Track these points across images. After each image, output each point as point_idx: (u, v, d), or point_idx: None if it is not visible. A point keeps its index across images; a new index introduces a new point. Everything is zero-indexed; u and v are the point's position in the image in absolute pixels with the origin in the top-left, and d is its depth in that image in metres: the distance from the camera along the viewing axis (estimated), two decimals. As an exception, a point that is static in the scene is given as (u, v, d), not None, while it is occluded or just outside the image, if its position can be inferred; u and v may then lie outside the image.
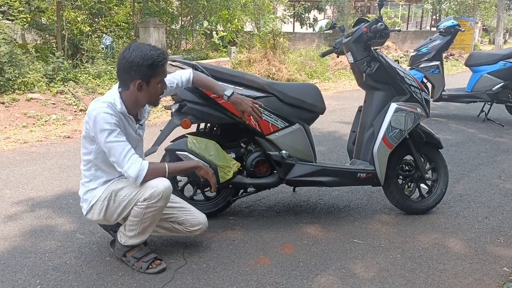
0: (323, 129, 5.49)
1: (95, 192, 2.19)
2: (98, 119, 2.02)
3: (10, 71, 6.42)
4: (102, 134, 2.02)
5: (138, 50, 2.05)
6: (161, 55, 2.09)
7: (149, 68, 2.06)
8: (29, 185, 3.48)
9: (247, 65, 10.61)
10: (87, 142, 2.14)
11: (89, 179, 2.21)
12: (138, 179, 2.07)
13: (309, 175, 2.79)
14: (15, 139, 4.96)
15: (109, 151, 2.05)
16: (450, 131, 5.59)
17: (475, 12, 19.06)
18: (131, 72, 2.06)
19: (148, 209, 2.14)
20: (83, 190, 2.23)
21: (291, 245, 2.59)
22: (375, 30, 2.77)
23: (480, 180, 3.79)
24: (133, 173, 2.06)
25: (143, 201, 2.12)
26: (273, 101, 2.75)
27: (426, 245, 2.62)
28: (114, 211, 2.19)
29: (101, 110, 2.03)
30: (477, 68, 6.08)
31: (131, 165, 2.05)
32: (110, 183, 2.20)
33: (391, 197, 3.00)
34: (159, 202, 2.14)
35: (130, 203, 2.15)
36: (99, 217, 2.22)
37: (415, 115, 2.87)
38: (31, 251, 2.44)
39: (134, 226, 2.20)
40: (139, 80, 2.07)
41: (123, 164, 2.05)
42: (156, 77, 2.11)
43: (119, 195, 2.16)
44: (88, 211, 2.23)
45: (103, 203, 2.17)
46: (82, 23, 9.66)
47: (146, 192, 2.11)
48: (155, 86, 2.13)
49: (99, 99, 2.13)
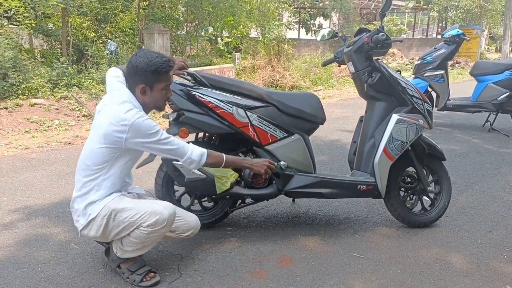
0: (325, 138, 5.44)
1: (96, 207, 2.11)
2: (143, 126, 2.04)
3: (14, 76, 6.44)
4: (154, 136, 2.07)
5: (144, 56, 2.11)
6: (165, 62, 2.12)
7: (153, 74, 2.11)
8: (26, 193, 3.46)
9: (251, 71, 10.61)
10: (109, 150, 2.09)
11: (90, 189, 2.12)
12: (201, 162, 2.19)
13: (308, 186, 2.75)
14: (16, 144, 4.96)
15: (165, 147, 2.11)
16: (454, 141, 5.52)
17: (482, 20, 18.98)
18: (136, 76, 2.12)
19: (151, 234, 2.14)
20: (83, 203, 2.13)
21: (288, 258, 2.54)
22: (377, 40, 2.73)
23: (484, 192, 3.72)
24: (197, 156, 2.16)
25: (146, 227, 2.10)
26: (272, 111, 2.70)
27: (427, 260, 2.56)
28: (112, 230, 2.13)
29: (139, 117, 2.04)
30: (482, 77, 6.01)
31: (192, 151, 2.16)
32: (111, 200, 2.13)
33: (392, 210, 2.95)
34: (163, 228, 2.15)
35: (130, 225, 2.12)
36: (96, 234, 2.15)
37: (417, 126, 2.82)
38: (24, 262, 2.41)
39: (134, 245, 2.17)
40: (143, 85, 2.12)
41: (184, 152, 2.14)
42: (159, 83, 2.14)
43: (120, 216, 2.11)
44: (85, 226, 2.14)
45: (102, 221, 2.11)
46: (87, 29, 9.70)
47: (150, 218, 2.10)
48: (158, 91, 2.16)
49: (120, 107, 2.05)
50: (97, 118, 2.15)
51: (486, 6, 18.10)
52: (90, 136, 2.16)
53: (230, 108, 2.58)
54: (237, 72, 10.36)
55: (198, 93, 2.56)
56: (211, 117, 2.58)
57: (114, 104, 2.10)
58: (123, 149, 2.10)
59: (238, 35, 12.90)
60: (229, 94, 2.63)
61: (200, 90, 2.58)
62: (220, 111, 2.56)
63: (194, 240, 2.69)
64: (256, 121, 2.63)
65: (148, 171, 3.75)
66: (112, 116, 2.05)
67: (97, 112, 2.20)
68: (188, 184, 2.58)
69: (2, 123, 5.74)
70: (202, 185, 2.55)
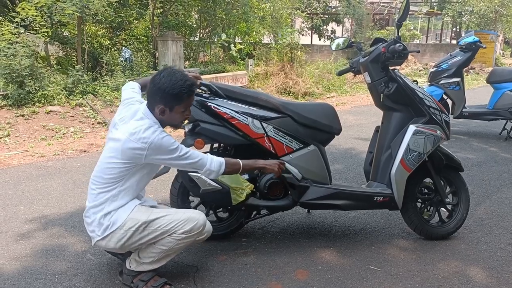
0: (340, 146, 5.41)
1: (114, 218, 2.10)
2: (164, 144, 2.05)
3: (30, 84, 6.53)
4: (175, 152, 2.08)
5: (168, 77, 2.08)
6: (188, 87, 2.09)
7: (174, 97, 2.09)
8: (43, 201, 3.49)
9: (264, 78, 10.62)
10: (126, 165, 2.07)
11: (105, 200, 2.11)
12: (220, 171, 2.20)
13: (324, 198, 2.72)
14: (32, 152, 5.02)
15: (186, 162, 2.12)
16: (471, 149, 5.44)
17: (497, 25, 18.74)
18: (157, 97, 2.09)
19: (182, 241, 2.17)
20: (99, 214, 2.11)
21: (304, 270, 2.52)
22: (393, 51, 2.71)
23: (502, 203, 3.66)
24: (216, 167, 2.18)
25: (181, 233, 2.13)
26: (288, 122, 2.69)
27: (446, 273, 2.52)
28: (136, 240, 2.12)
29: (159, 136, 2.05)
30: (499, 85, 5.93)
31: (212, 161, 2.17)
32: (134, 211, 2.12)
33: (409, 222, 2.91)
34: (196, 235, 2.19)
35: (162, 234, 2.13)
36: (115, 246, 2.13)
37: (435, 137, 2.78)
38: (42, 272, 2.42)
39: (156, 255, 2.18)
40: (162, 106, 2.10)
41: (204, 163, 2.15)
42: (180, 106, 2.14)
43: (152, 225, 2.12)
44: (102, 237, 2.12)
45: (126, 233, 2.09)
46: (102, 37, 9.82)
47: (186, 226, 2.15)
48: (178, 113, 2.16)
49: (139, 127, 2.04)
50: (113, 132, 2.15)
51: (501, 11, 17.88)
52: (106, 149, 2.15)
53: (245, 119, 2.57)
54: (250, 79, 10.38)
55: (213, 104, 2.56)
56: (227, 128, 2.58)
57: (132, 119, 2.10)
58: (141, 164, 2.10)
59: (251, 41, 12.93)
60: (244, 105, 2.63)
61: (215, 101, 2.58)
62: (235, 122, 2.56)
63: (210, 251, 2.69)
64: (271, 132, 2.62)
65: (163, 180, 3.75)
66: (130, 133, 2.03)
67: (112, 125, 2.20)
68: (204, 195, 2.57)
69: (19, 130, 5.82)
70: (217, 196, 2.55)
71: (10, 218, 3.15)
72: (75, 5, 7.12)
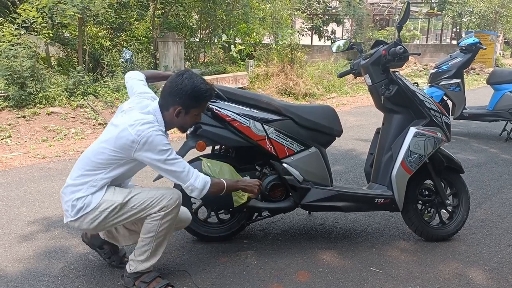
0: (340, 147, 5.42)
1: (87, 200, 2.09)
2: (155, 142, 2.03)
3: (32, 85, 6.55)
4: (163, 154, 2.05)
5: (190, 79, 2.12)
6: (209, 90, 2.16)
7: (194, 99, 2.13)
8: (45, 203, 3.50)
9: (265, 78, 10.63)
10: (116, 154, 2.08)
11: (83, 182, 2.10)
12: (204, 191, 2.15)
13: (325, 200, 2.74)
14: (34, 153, 5.03)
15: (170, 168, 2.08)
16: (471, 150, 5.46)
17: (497, 26, 18.75)
18: (176, 98, 2.12)
19: (165, 219, 2.16)
20: (73, 195, 2.10)
21: (306, 272, 2.53)
22: (394, 53, 2.72)
23: (502, 204, 3.67)
24: (200, 185, 2.13)
25: (158, 211, 2.13)
26: (289, 124, 2.71)
27: (446, 275, 2.53)
28: (111, 221, 2.13)
29: (154, 133, 2.03)
30: (499, 86, 5.95)
31: (196, 178, 2.12)
32: (109, 192, 2.12)
33: (410, 223, 2.92)
34: (175, 208, 2.18)
35: (138, 212, 2.14)
36: (88, 227, 2.14)
37: (435, 139, 2.79)
38: (44, 274, 2.44)
39: (147, 246, 2.18)
40: (180, 107, 2.13)
41: (187, 178, 2.10)
42: (196, 109, 2.18)
43: (128, 204, 2.12)
44: (75, 219, 2.12)
45: (101, 214, 2.10)
46: (103, 38, 9.83)
47: (161, 201, 2.14)
48: (192, 116, 2.20)
49: (140, 119, 2.05)
50: (118, 117, 2.16)
51: (501, 12, 17.89)
52: (104, 132, 2.17)
53: (247, 122, 2.59)
54: (251, 80, 10.39)
55: (215, 106, 2.58)
56: (228, 131, 2.59)
57: (138, 110, 2.12)
58: (130, 158, 2.10)
59: (251, 42, 12.95)
60: (246, 107, 2.64)
61: (217, 104, 2.59)
62: (237, 124, 2.57)
63: (211, 253, 2.70)
64: (273, 134, 2.63)
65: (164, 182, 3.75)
66: (129, 123, 2.04)
67: (119, 111, 2.21)
68: (206, 197, 2.58)
69: (20, 132, 5.84)
70: (219, 198, 2.54)
71: (12, 220, 3.17)
72: (76, 7, 7.14)
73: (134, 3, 10.05)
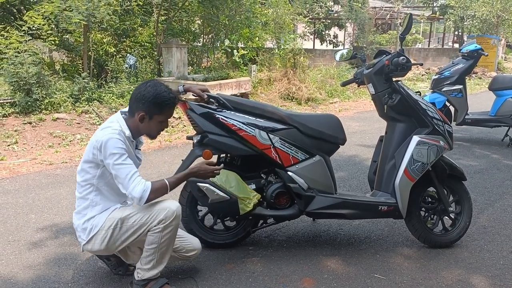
0: (343, 153, 5.46)
1: (95, 221, 2.22)
2: (109, 144, 2.11)
3: (37, 91, 6.62)
4: (112, 158, 2.11)
5: (154, 87, 2.22)
6: (171, 99, 2.25)
7: (157, 106, 2.22)
8: (53, 210, 3.56)
9: (267, 83, 10.67)
10: (91, 167, 2.20)
11: (86, 206, 2.24)
12: (142, 200, 2.12)
13: (329, 207, 2.79)
14: (41, 160, 5.09)
15: (116, 173, 2.12)
16: (474, 156, 5.49)
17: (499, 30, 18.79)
18: (139, 104, 2.22)
19: (165, 231, 2.21)
20: (82, 220, 2.25)
21: (310, 279, 2.57)
22: (397, 63, 2.77)
23: (505, 210, 3.71)
24: (138, 194, 2.11)
25: (157, 224, 2.18)
26: (294, 133, 2.76)
27: (449, 282, 2.57)
28: (118, 238, 2.22)
29: (111, 136, 2.13)
30: (501, 92, 5.99)
31: (135, 186, 2.11)
32: (113, 212, 2.24)
33: (413, 230, 2.96)
34: (174, 221, 2.22)
35: (140, 228, 2.20)
36: (100, 247, 2.24)
37: (438, 148, 2.84)
38: (55, 281, 2.49)
39: (152, 256, 2.24)
40: (143, 113, 2.22)
41: (128, 185, 2.11)
42: (159, 116, 2.27)
43: (127, 222, 2.21)
44: (87, 241, 2.24)
45: (107, 232, 2.20)
46: (107, 44, 9.92)
47: (159, 215, 2.19)
48: (156, 123, 2.28)
49: (105, 127, 2.20)
50: None
51: (503, 16, 17.93)
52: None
53: (252, 131, 2.64)
54: (254, 85, 10.44)
55: (221, 116, 2.63)
56: (234, 139, 2.65)
57: (106, 122, 2.25)
58: (102, 165, 2.18)
59: (253, 46, 13.02)
60: (251, 116, 2.70)
61: (223, 113, 2.65)
62: (243, 133, 2.62)
63: (217, 260, 2.75)
64: (278, 143, 2.69)
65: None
66: (96, 134, 2.19)
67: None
68: (212, 205, 2.64)
69: (26, 138, 5.90)
70: (225, 206, 2.62)
71: (22, 227, 3.22)
72: (81, 14, 7.21)
73: (138, 10, 10.14)
